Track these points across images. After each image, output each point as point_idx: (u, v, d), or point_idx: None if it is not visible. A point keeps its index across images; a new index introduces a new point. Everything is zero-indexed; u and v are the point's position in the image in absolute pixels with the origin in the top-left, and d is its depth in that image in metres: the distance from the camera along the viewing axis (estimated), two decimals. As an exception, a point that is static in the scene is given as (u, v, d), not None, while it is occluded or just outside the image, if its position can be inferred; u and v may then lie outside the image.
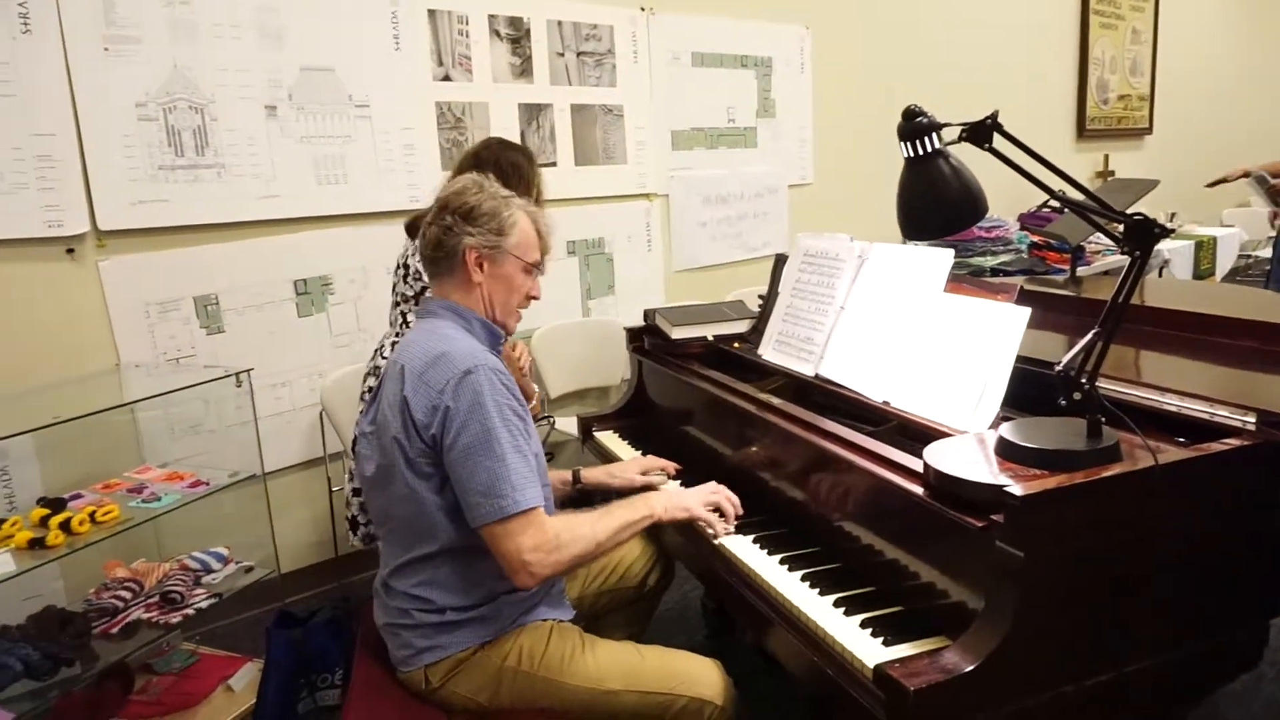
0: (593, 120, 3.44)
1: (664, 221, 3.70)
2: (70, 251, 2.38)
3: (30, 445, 2.21)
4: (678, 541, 1.78)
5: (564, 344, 3.38)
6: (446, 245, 1.54)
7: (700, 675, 1.52)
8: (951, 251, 1.66)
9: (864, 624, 1.28)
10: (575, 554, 1.45)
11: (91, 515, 2.00)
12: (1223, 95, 6.47)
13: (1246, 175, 3.92)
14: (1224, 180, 4.02)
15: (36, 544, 1.91)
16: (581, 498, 1.91)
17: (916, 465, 1.29)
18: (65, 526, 1.95)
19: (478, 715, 1.51)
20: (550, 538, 1.42)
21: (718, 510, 1.64)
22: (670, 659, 1.55)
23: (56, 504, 2.05)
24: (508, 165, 2.23)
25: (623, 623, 1.92)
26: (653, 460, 1.95)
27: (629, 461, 1.99)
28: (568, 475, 1.91)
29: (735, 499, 1.66)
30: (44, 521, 1.97)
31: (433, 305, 1.58)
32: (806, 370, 1.85)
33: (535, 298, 1.65)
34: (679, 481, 1.90)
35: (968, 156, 1.31)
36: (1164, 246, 4.63)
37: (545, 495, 1.59)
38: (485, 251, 1.54)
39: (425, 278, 1.98)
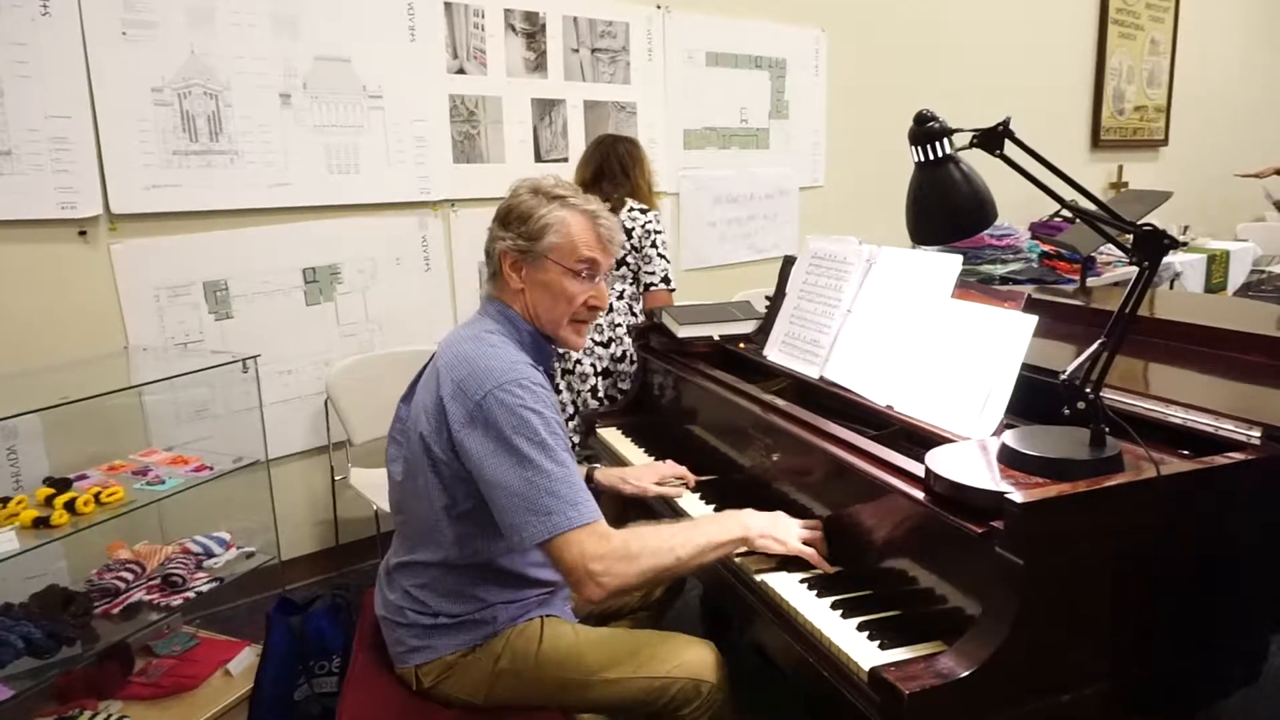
0: (605, 117, 3.44)
1: (674, 220, 3.70)
2: (83, 234, 2.39)
3: (38, 424, 2.23)
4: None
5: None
6: (489, 249, 1.52)
7: (694, 657, 1.51)
8: (960, 257, 1.66)
9: (861, 627, 1.28)
10: (651, 566, 1.34)
11: (96, 496, 2.01)
12: (1241, 109, 6.43)
13: (1278, 173, 3.90)
14: (1257, 175, 4.01)
15: (41, 523, 1.92)
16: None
17: (918, 470, 1.29)
18: (70, 506, 1.97)
19: (475, 711, 1.51)
20: (618, 546, 1.32)
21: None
22: (664, 642, 1.54)
23: (62, 484, 2.07)
24: (624, 156, 2.62)
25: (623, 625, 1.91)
26: (671, 468, 1.88)
27: (645, 467, 1.93)
28: (581, 473, 1.90)
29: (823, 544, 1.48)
30: (49, 501, 1.98)
31: (489, 305, 1.54)
32: (811, 372, 1.85)
33: (596, 306, 1.53)
34: (699, 494, 1.81)
35: (980, 163, 1.30)
36: (1176, 259, 4.61)
37: None
38: (518, 256, 1.48)
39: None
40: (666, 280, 2.68)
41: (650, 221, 2.63)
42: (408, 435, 1.49)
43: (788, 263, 2.17)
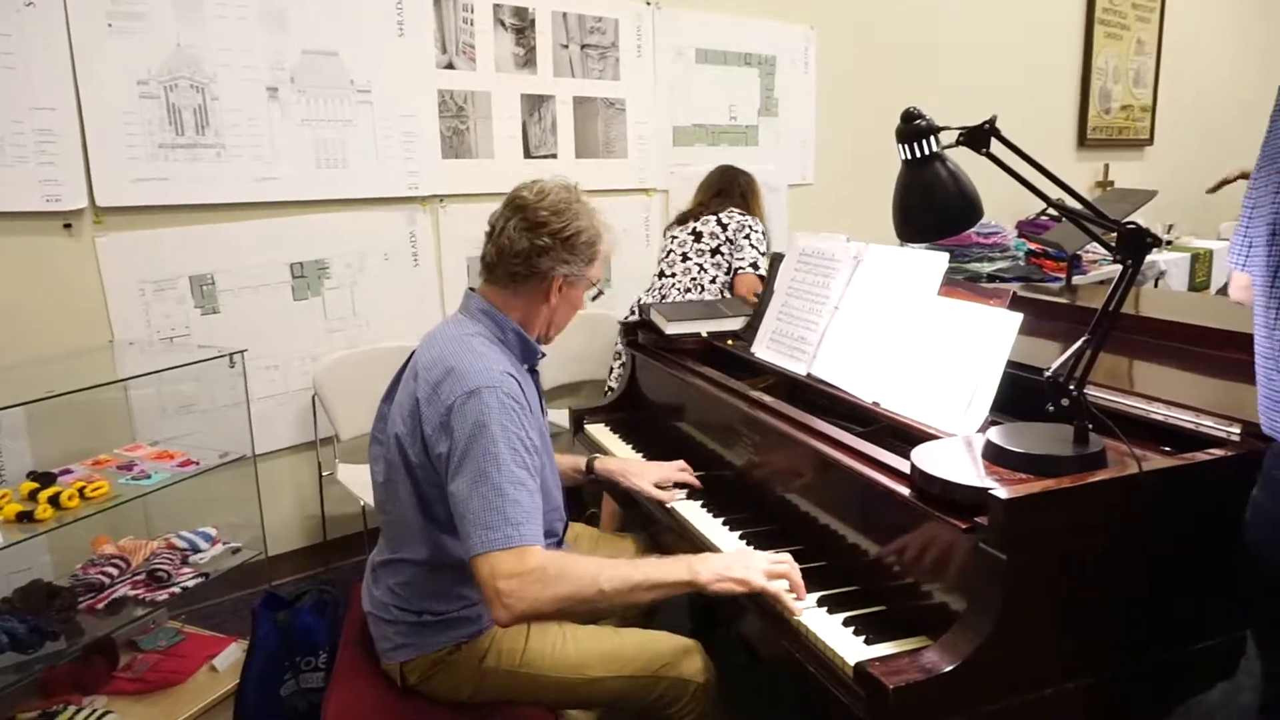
0: (594, 113, 3.44)
1: (663, 217, 3.70)
2: (68, 226, 2.38)
3: (21, 418, 2.21)
4: (671, 537, 1.78)
5: (559, 337, 3.38)
6: (537, 266, 1.48)
7: (681, 655, 1.52)
8: (946, 255, 1.67)
9: (846, 622, 1.29)
10: (567, 594, 1.28)
11: (81, 491, 2.00)
12: (1225, 109, 6.47)
13: (1245, 176, 3.93)
14: (1225, 182, 4.03)
15: (25, 517, 1.91)
16: (580, 489, 1.88)
17: (904, 466, 1.30)
18: (54, 501, 1.95)
19: (462, 708, 1.51)
20: (535, 568, 1.26)
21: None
22: (651, 641, 1.55)
23: (46, 478, 2.06)
24: (744, 184, 3.03)
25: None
26: (675, 473, 1.82)
27: (648, 465, 1.88)
28: (580, 463, 1.89)
29: (798, 571, 1.37)
30: (33, 495, 1.97)
31: (472, 304, 1.53)
32: (799, 369, 1.86)
33: (580, 308, 1.63)
34: (700, 502, 1.76)
35: (967, 161, 1.31)
36: (1160, 258, 4.64)
37: (554, 518, 1.57)
38: (572, 278, 1.52)
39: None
40: (755, 266, 2.86)
41: (749, 221, 2.92)
42: (388, 439, 1.48)
43: (776, 260, 2.18)
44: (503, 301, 1.52)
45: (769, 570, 1.35)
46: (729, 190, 3.04)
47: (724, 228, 2.87)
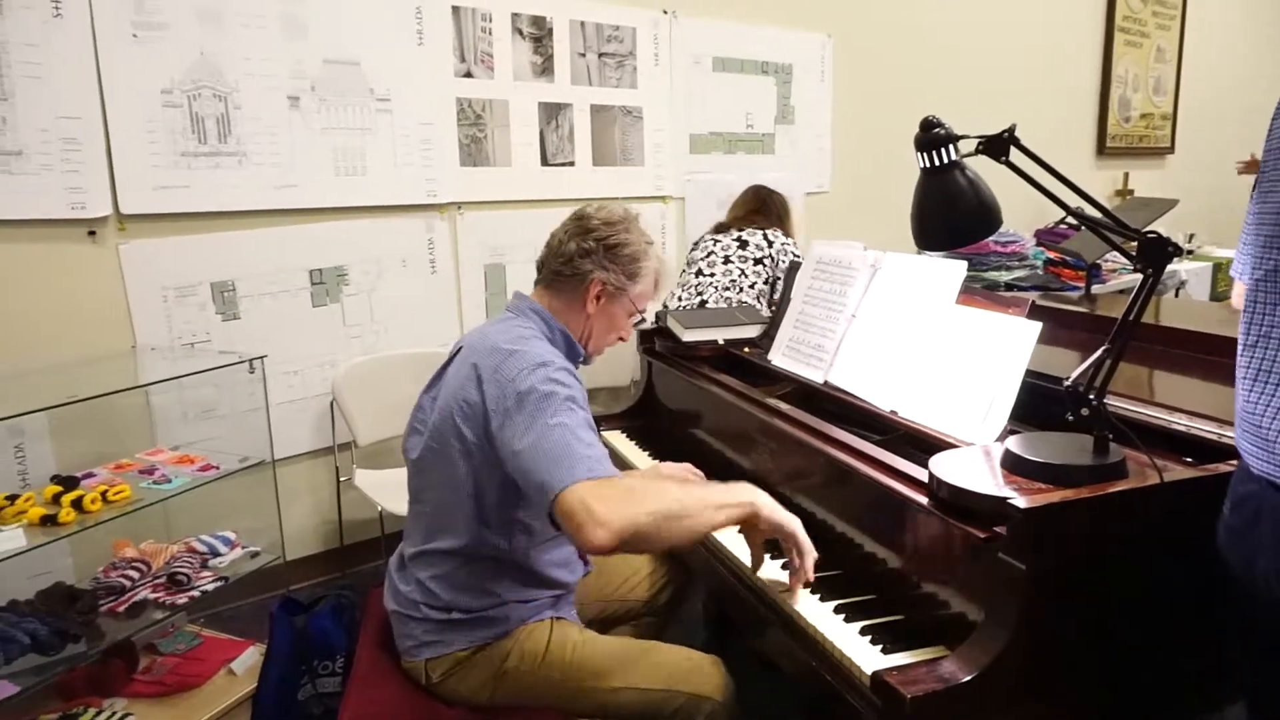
0: (612, 121, 3.46)
1: (679, 225, 3.71)
2: (92, 234, 2.41)
3: (45, 423, 2.24)
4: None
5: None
6: (579, 267, 1.55)
7: (700, 671, 1.52)
8: (965, 264, 1.66)
9: (863, 631, 1.29)
10: (656, 509, 1.26)
11: (103, 494, 2.02)
12: (1246, 118, 6.40)
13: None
14: (1255, 160, 4.01)
15: (49, 520, 1.94)
16: None
17: (921, 475, 1.29)
18: (77, 504, 1.98)
19: (477, 710, 1.52)
20: (624, 488, 1.27)
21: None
22: (670, 655, 1.55)
23: (69, 482, 2.08)
24: (779, 204, 3.13)
25: (630, 635, 1.91)
26: (682, 470, 1.82)
27: (650, 470, 1.90)
28: None
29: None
30: (57, 499, 1.99)
31: (523, 305, 1.58)
32: (816, 377, 1.86)
33: (624, 339, 1.66)
34: None
35: (984, 169, 1.31)
36: (1182, 267, 4.61)
37: None
38: (610, 289, 1.56)
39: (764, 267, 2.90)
40: None
41: (791, 245, 3.05)
42: (432, 424, 1.50)
43: (793, 268, 2.18)
44: (547, 303, 1.58)
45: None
46: (765, 210, 3.12)
47: (769, 244, 2.96)
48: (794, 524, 1.40)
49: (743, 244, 2.95)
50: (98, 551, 2.25)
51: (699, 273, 2.95)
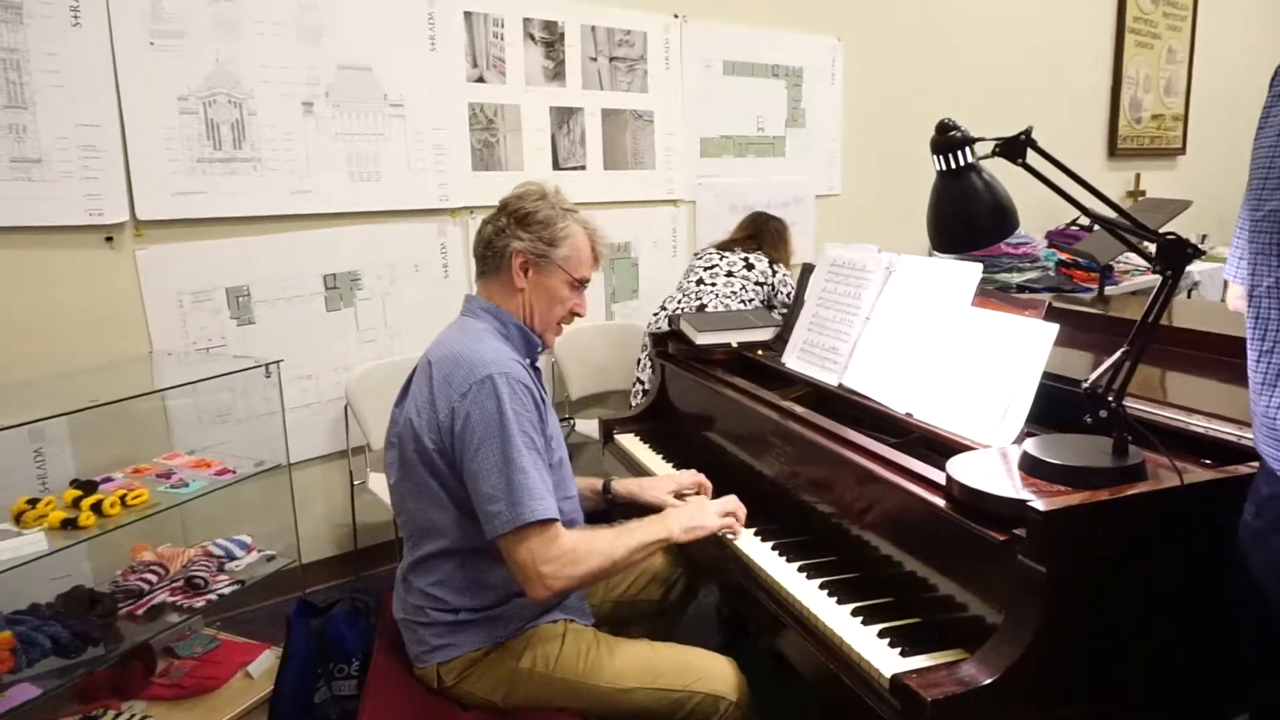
0: (623, 125, 3.46)
1: (690, 228, 3.72)
2: (109, 240, 2.43)
3: (65, 427, 2.26)
4: (695, 547, 1.78)
5: (587, 347, 3.40)
6: (496, 245, 1.56)
7: (715, 672, 1.52)
8: (980, 266, 1.66)
9: (882, 634, 1.29)
10: (591, 569, 1.43)
11: (122, 498, 2.04)
12: (1258, 118, 6.39)
13: None
14: None
15: (69, 524, 1.95)
16: (608, 509, 1.90)
17: (939, 478, 1.30)
18: (97, 508, 2.00)
19: (492, 713, 1.52)
20: (567, 550, 1.40)
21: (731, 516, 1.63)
22: (685, 655, 1.56)
23: (89, 486, 2.10)
24: (776, 228, 3.13)
25: (642, 634, 1.90)
26: (687, 478, 1.87)
27: (662, 478, 1.91)
28: (598, 484, 1.89)
29: (742, 509, 1.66)
30: (76, 503, 2.01)
31: (474, 305, 1.60)
32: (830, 380, 1.86)
33: (579, 314, 1.64)
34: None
35: (997, 172, 1.31)
36: (1195, 268, 4.59)
37: (571, 508, 1.60)
38: (532, 259, 1.55)
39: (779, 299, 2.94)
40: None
41: (790, 279, 3.05)
42: (401, 435, 1.52)
43: (806, 270, 2.18)
44: (489, 295, 1.59)
45: (720, 509, 1.62)
46: (760, 234, 3.14)
47: (773, 273, 3.00)
48: (706, 523, 1.58)
49: (749, 265, 2.97)
50: (116, 555, 2.27)
51: (699, 281, 2.94)
